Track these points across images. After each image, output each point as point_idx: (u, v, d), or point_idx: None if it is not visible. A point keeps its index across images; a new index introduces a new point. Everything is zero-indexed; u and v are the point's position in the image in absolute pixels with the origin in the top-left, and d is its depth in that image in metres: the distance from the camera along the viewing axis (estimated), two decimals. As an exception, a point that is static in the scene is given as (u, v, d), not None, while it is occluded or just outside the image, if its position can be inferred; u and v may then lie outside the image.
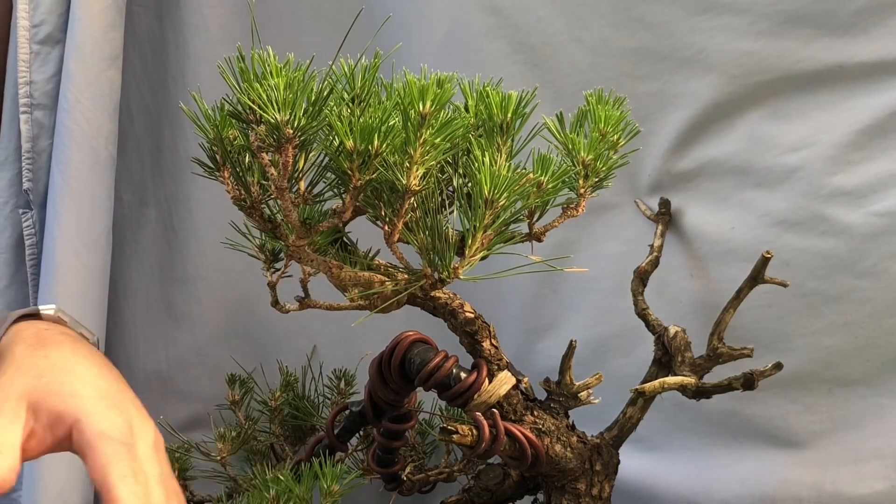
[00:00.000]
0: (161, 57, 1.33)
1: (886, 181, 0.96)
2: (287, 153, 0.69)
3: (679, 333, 0.91)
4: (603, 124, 0.79)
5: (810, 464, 1.02)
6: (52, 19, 1.24)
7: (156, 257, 1.36)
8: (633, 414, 0.90)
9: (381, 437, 0.94)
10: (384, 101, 0.72)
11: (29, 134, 1.25)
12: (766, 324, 1.01)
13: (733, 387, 0.87)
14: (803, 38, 0.98)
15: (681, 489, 1.09)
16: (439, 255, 0.73)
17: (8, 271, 1.29)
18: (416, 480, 1.02)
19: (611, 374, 0.93)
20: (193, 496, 1.09)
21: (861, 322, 0.98)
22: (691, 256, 1.06)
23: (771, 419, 1.03)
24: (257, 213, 0.75)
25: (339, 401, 1.17)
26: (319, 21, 1.27)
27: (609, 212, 1.10)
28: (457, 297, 0.84)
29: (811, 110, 0.99)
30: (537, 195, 0.74)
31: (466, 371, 0.83)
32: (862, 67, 0.97)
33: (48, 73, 1.25)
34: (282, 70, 0.68)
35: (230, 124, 0.73)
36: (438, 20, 1.17)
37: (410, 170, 0.69)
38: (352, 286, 0.76)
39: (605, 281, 1.11)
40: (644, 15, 1.04)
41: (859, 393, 1.00)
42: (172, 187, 1.34)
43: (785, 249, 0.99)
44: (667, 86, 1.05)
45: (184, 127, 1.32)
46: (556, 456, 0.85)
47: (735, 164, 1.03)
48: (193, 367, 1.33)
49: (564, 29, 1.09)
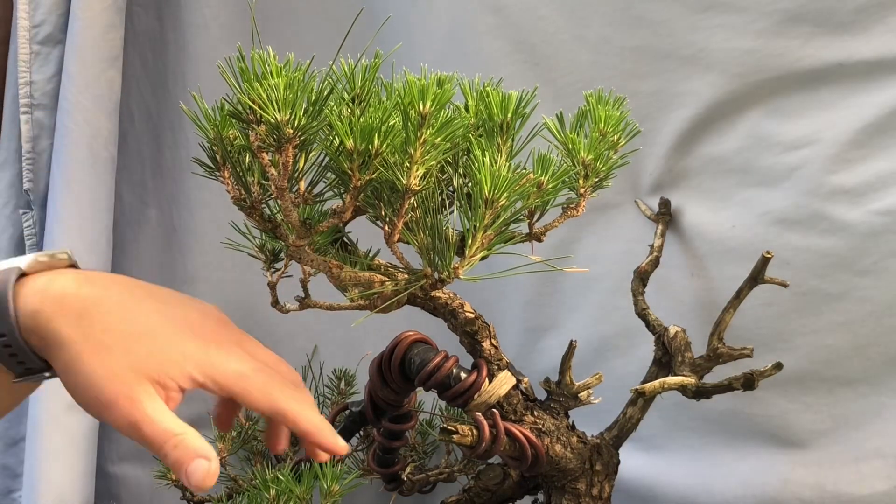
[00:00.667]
0: (161, 57, 1.33)
1: (887, 179, 0.96)
2: (287, 153, 0.69)
3: (679, 333, 0.91)
4: (603, 124, 0.79)
5: (811, 463, 1.02)
6: (53, 19, 1.24)
7: (156, 257, 1.36)
8: (633, 414, 0.90)
9: (381, 437, 0.94)
10: (384, 101, 0.72)
11: (29, 134, 1.25)
12: (766, 323, 1.01)
13: (733, 387, 0.87)
14: (803, 36, 0.98)
15: (681, 489, 1.09)
16: (439, 255, 0.73)
17: (8, 271, 1.29)
18: (417, 480, 1.02)
19: (611, 374, 0.93)
20: (193, 496, 1.10)
21: (862, 321, 0.98)
22: (691, 256, 1.06)
23: (771, 419, 1.03)
24: (257, 213, 0.75)
25: (340, 401, 1.17)
26: (319, 21, 1.27)
27: (609, 211, 1.10)
28: (457, 297, 0.84)
29: (811, 109, 0.99)
30: (537, 195, 0.74)
31: (466, 371, 0.83)
32: (862, 66, 0.97)
33: (48, 73, 1.25)
34: (282, 70, 0.68)
35: (230, 124, 0.73)
36: (439, 20, 1.17)
37: (410, 170, 0.69)
38: (352, 286, 0.76)
39: (605, 281, 1.11)
40: (645, 14, 1.04)
41: (860, 392, 1.00)
42: (173, 187, 1.34)
43: (785, 248, 0.99)
44: (667, 84, 1.05)
45: (184, 127, 1.32)
46: (556, 456, 0.85)
47: (735, 162, 1.03)
48: (194, 367, 1.33)
49: (565, 28, 1.09)
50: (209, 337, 0.68)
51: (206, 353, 0.67)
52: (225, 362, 0.67)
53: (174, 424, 0.64)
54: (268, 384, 0.68)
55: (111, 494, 1.36)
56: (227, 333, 0.70)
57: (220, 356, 0.67)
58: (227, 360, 0.67)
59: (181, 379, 0.65)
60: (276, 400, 0.67)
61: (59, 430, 1.21)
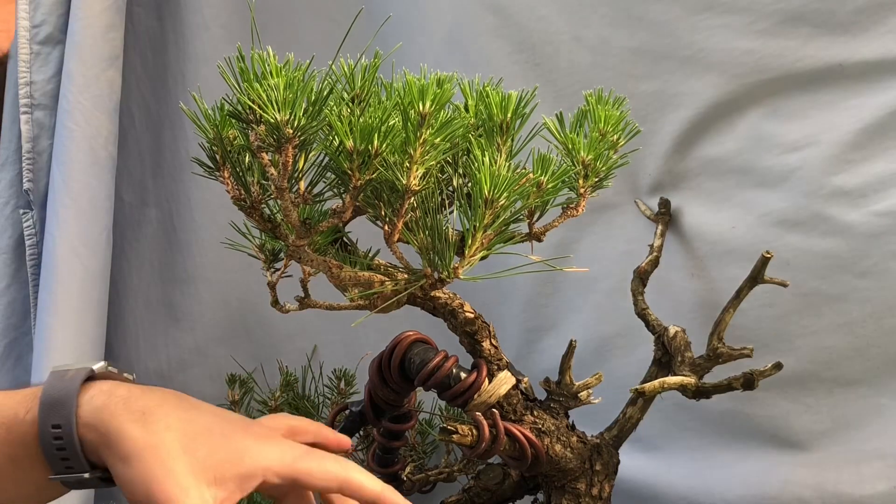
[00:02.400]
0: (161, 57, 1.33)
1: (887, 181, 0.96)
2: (287, 153, 0.69)
3: (679, 333, 0.91)
4: (603, 124, 0.79)
5: (812, 464, 1.02)
6: (53, 20, 1.24)
7: (156, 257, 1.36)
8: (633, 414, 0.90)
9: (381, 437, 0.94)
10: (384, 101, 0.72)
11: (29, 134, 1.25)
12: (766, 324, 1.01)
13: (733, 387, 0.87)
14: (803, 37, 0.98)
15: (681, 489, 1.09)
16: (439, 255, 0.73)
17: (8, 271, 1.29)
18: (416, 480, 1.02)
19: (611, 374, 0.93)
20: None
21: (862, 322, 0.98)
22: (691, 256, 1.06)
23: (771, 419, 1.03)
24: (257, 213, 0.75)
25: (339, 401, 1.17)
26: (320, 21, 1.27)
27: (609, 212, 1.10)
28: (457, 297, 0.84)
29: (811, 109, 0.99)
30: (537, 195, 0.74)
31: (466, 371, 0.83)
32: (862, 66, 0.97)
33: (48, 73, 1.25)
34: (282, 70, 0.68)
35: (230, 124, 0.73)
36: (439, 20, 1.17)
37: (410, 170, 0.69)
38: (352, 286, 0.76)
39: (605, 281, 1.11)
40: (645, 14, 1.04)
41: (860, 393, 1.00)
42: (173, 187, 1.34)
43: (785, 249, 0.99)
44: (667, 85, 1.05)
45: (184, 127, 1.32)
46: (556, 456, 0.85)
47: (735, 163, 1.03)
48: (194, 367, 1.34)
49: (565, 28, 1.09)
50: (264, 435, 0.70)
51: (260, 448, 0.68)
52: (280, 454, 0.69)
53: None
54: (324, 460, 0.70)
55: (111, 494, 1.36)
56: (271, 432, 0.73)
57: (275, 449, 0.69)
58: (283, 451, 0.69)
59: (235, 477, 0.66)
60: (337, 473, 0.70)
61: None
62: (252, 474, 0.67)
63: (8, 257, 1.28)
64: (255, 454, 0.67)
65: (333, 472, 0.69)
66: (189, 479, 0.64)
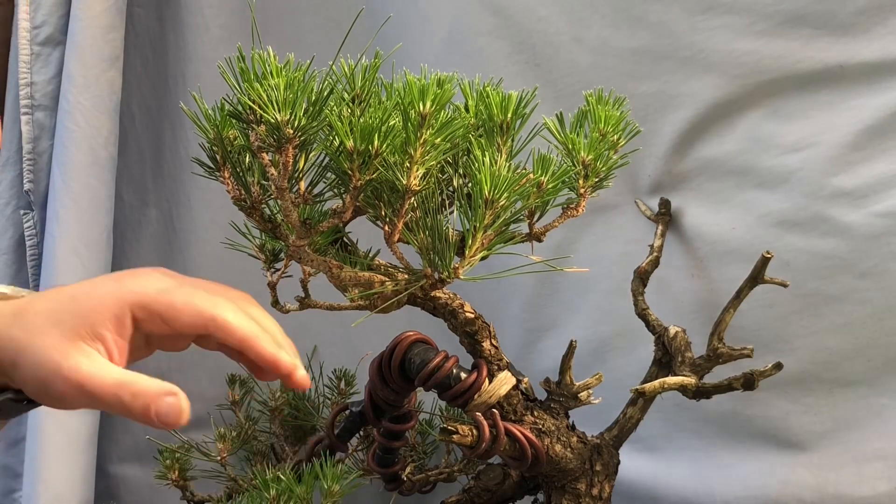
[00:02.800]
0: (162, 57, 1.33)
1: (887, 181, 0.96)
2: (287, 153, 0.69)
3: (679, 333, 0.91)
4: (603, 124, 0.79)
5: (812, 465, 1.02)
6: (53, 21, 1.24)
7: (156, 257, 1.36)
8: (633, 414, 0.90)
9: (381, 437, 0.94)
10: (384, 101, 0.72)
11: (30, 135, 1.26)
12: (766, 324, 1.01)
13: (733, 387, 0.87)
14: (804, 38, 0.98)
15: (681, 490, 1.09)
16: (439, 255, 0.73)
17: (9, 272, 1.29)
18: (417, 480, 1.02)
19: (611, 374, 0.93)
20: (194, 496, 1.09)
21: (862, 322, 0.98)
22: (691, 257, 1.06)
23: (772, 420, 1.03)
24: (257, 213, 0.75)
25: (340, 401, 1.17)
26: (320, 21, 1.28)
27: (609, 212, 1.10)
28: (457, 298, 0.84)
29: (811, 110, 0.99)
30: (537, 195, 0.74)
31: (466, 371, 0.83)
32: (862, 67, 0.97)
33: (49, 74, 1.25)
34: (282, 70, 0.68)
35: (230, 124, 0.73)
36: (439, 20, 1.17)
37: (410, 170, 0.69)
38: (352, 286, 0.76)
39: (605, 281, 1.11)
40: (645, 15, 1.04)
41: (860, 393, 1.00)
42: (173, 187, 1.34)
43: (785, 250, 0.99)
44: (667, 86, 1.05)
45: (184, 127, 1.32)
46: (556, 456, 0.85)
47: (735, 164, 1.03)
48: (194, 367, 1.33)
49: (565, 29, 1.09)
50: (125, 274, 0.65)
51: (120, 285, 0.63)
52: (143, 285, 0.63)
53: (120, 374, 0.61)
54: (193, 294, 0.63)
55: (111, 494, 1.36)
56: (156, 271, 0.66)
57: (137, 281, 0.64)
58: (146, 283, 0.63)
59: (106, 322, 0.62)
60: (202, 308, 0.63)
61: (59, 430, 1.21)
62: (121, 313, 0.62)
63: (8, 258, 1.29)
64: (117, 292, 0.62)
65: (199, 307, 0.62)
66: (65, 345, 0.60)
